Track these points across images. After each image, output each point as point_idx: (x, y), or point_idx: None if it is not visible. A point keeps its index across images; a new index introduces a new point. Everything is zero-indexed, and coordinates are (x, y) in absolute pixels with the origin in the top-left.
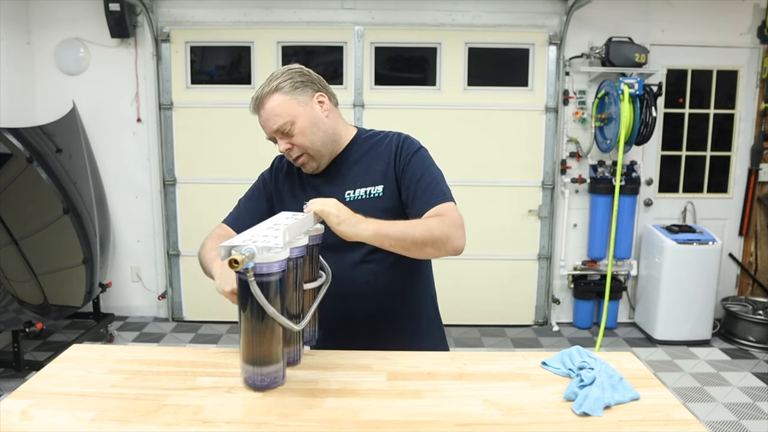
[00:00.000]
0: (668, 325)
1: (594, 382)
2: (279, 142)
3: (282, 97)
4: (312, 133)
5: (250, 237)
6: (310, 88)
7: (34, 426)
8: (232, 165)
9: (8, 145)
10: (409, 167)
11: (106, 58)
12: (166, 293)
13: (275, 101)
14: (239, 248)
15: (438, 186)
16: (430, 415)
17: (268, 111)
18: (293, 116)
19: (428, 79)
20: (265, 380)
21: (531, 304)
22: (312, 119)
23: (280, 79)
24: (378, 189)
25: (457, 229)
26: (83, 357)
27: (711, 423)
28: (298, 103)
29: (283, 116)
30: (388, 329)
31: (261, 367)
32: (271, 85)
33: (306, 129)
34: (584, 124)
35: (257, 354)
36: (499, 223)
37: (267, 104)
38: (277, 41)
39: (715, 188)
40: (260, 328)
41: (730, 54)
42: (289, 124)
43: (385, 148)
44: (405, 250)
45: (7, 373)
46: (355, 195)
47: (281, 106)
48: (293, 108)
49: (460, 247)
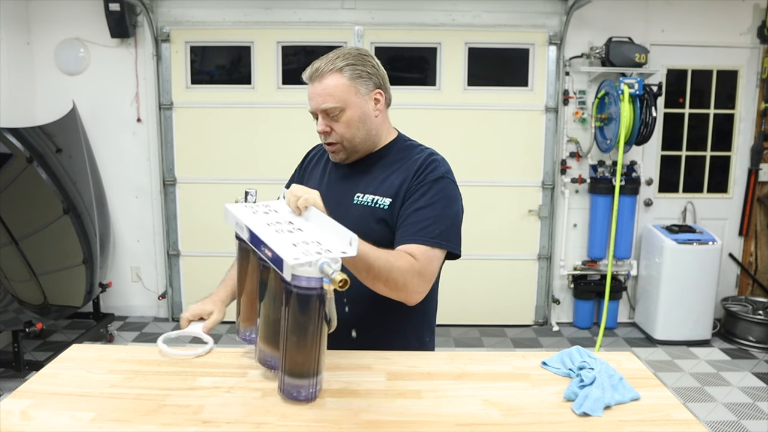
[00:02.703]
0: (668, 325)
1: (594, 382)
2: (319, 121)
3: (343, 79)
4: (356, 128)
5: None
6: (372, 81)
7: (34, 426)
8: (232, 165)
9: (8, 145)
10: (419, 191)
11: (106, 58)
12: (166, 293)
13: (335, 81)
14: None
15: (433, 225)
16: (430, 415)
17: (323, 87)
18: (346, 103)
19: (428, 79)
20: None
21: (531, 304)
22: (362, 114)
23: (350, 60)
24: (385, 201)
25: (420, 279)
26: (83, 357)
27: (711, 423)
28: (356, 93)
29: (336, 99)
30: (374, 338)
31: (316, 377)
32: (337, 63)
33: (353, 121)
34: (584, 124)
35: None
36: (499, 223)
37: (325, 80)
38: (277, 41)
39: (715, 188)
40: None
41: (730, 54)
42: (339, 110)
43: (411, 163)
44: (356, 271)
45: (7, 373)
46: (363, 200)
47: (339, 88)
48: (350, 95)
49: (415, 300)
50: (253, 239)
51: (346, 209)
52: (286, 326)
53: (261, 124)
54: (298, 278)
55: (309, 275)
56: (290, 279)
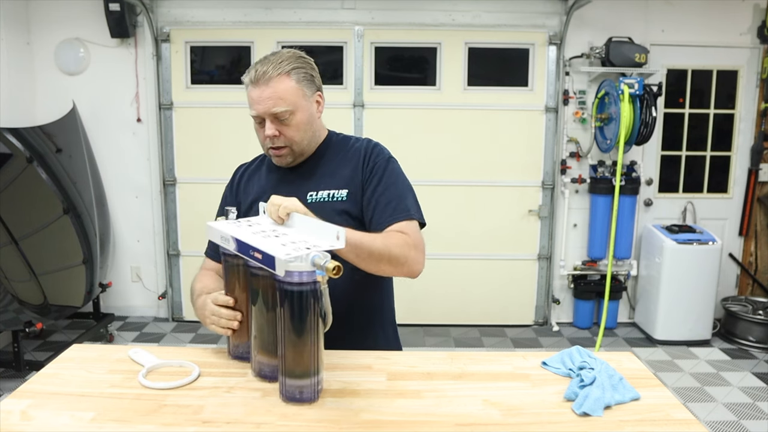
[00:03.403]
0: (668, 325)
1: (594, 382)
2: (267, 125)
3: (292, 83)
4: (304, 130)
5: (290, 247)
6: (315, 84)
7: (34, 426)
8: (232, 165)
9: (8, 145)
10: (374, 176)
11: (106, 58)
12: (166, 293)
13: (285, 85)
14: (311, 257)
15: (402, 201)
16: (430, 415)
17: (272, 90)
18: (296, 106)
19: (428, 79)
20: (318, 388)
21: (531, 304)
22: (309, 116)
23: (294, 63)
24: (342, 193)
25: (416, 251)
26: (83, 357)
27: (711, 423)
28: (303, 96)
29: (287, 103)
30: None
31: (317, 376)
32: (284, 66)
33: (302, 124)
34: (584, 124)
35: (312, 363)
36: (499, 223)
37: (273, 83)
38: (277, 41)
39: (715, 188)
40: (317, 334)
41: (730, 54)
42: (289, 113)
43: (354, 153)
44: (360, 260)
45: (7, 373)
46: (318, 197)
47: (289, 92)
48: (299, 99)
49: (417, 271)
50: (241, 247)
51: None
52: (283, 327)
53: None
54: (292, 274)
55: (302, 270)
56: (283, 275)
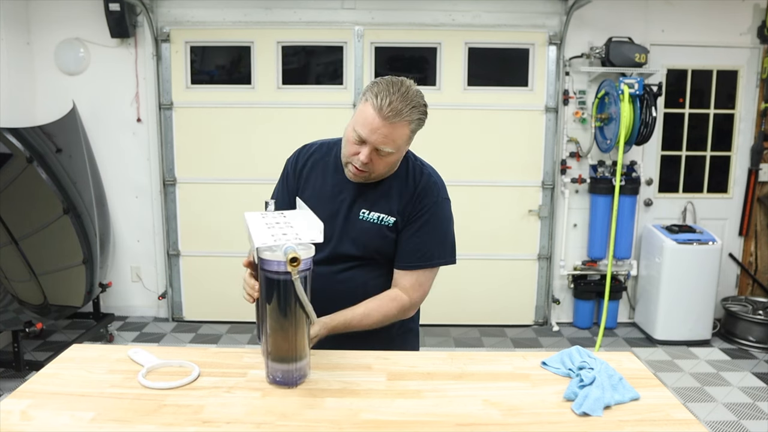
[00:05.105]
0: (668, 325)
1: (594, 382)
2: (364, 152)
3: (407, 131)
4: (392, 167)
5: (270, 237)
6: (420, 128)
7: (34, 426)
8: (231, 165)
9: (8, 145)
10: (417, 217)
11: (106, 58)
12: (166, 293)
13: (402, 131)
14: (278, 248)
15: (430, 249)
16: (430, 415)
17: (390, 131)
18: (398, 150)
19: (428, 79)
20: (296, 375)
21: (531, 304)
22: (401, 155)
23: (419, 114)
24: (390, 220)
25: (411, 310)
26: (83, 357)
27: (711, 423)
28: (408, 140)
29: (395, 146)
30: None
31: (296, 363)
32: (413, 115)
33: (393, 162)
34: (584, 124)
35: (291, 350)
36: (499, 223)
37: (395, 126)
38: (277, 41)
39: (715, 188)
40: (296, 324)
41: (730, 54)
42: (389, 153)
43: (410, 185)
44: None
45: (7, 373)
46: (369, 216)
47: (402, 138)
48: (404, 144)
49: (410, 315)
50: None
51: (353, 224)
52: (267, 310)
53: (261, 124)
54: (269, 263)
55: (272, 259)
56: (259, 263)
